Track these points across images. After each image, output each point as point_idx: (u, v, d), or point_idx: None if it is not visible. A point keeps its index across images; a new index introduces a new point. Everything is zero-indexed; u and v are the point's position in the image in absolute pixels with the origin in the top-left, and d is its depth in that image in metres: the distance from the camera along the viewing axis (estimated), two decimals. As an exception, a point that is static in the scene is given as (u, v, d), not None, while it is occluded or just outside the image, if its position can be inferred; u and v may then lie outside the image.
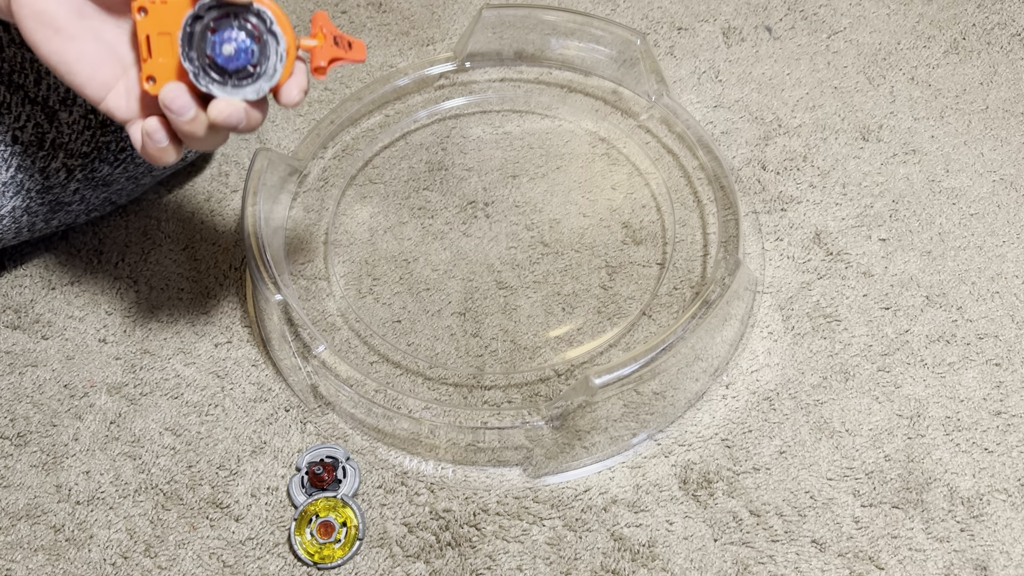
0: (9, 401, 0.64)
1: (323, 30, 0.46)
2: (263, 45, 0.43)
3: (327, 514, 0.58)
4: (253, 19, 0.43)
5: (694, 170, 0.73)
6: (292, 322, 0.62)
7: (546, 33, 0.77)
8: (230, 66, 0.42)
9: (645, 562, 0.56)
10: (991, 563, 0.55)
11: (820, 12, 0.83)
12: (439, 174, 0.74)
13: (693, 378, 0.61)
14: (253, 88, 0.43)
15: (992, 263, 0.67)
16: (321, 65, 0.45)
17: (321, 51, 0.45)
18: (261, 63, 0.43)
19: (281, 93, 0.45)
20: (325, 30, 0.46)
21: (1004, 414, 0.60)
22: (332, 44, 0.46)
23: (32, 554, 0.58)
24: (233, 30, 0.42)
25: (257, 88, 0.43)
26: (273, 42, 0.43)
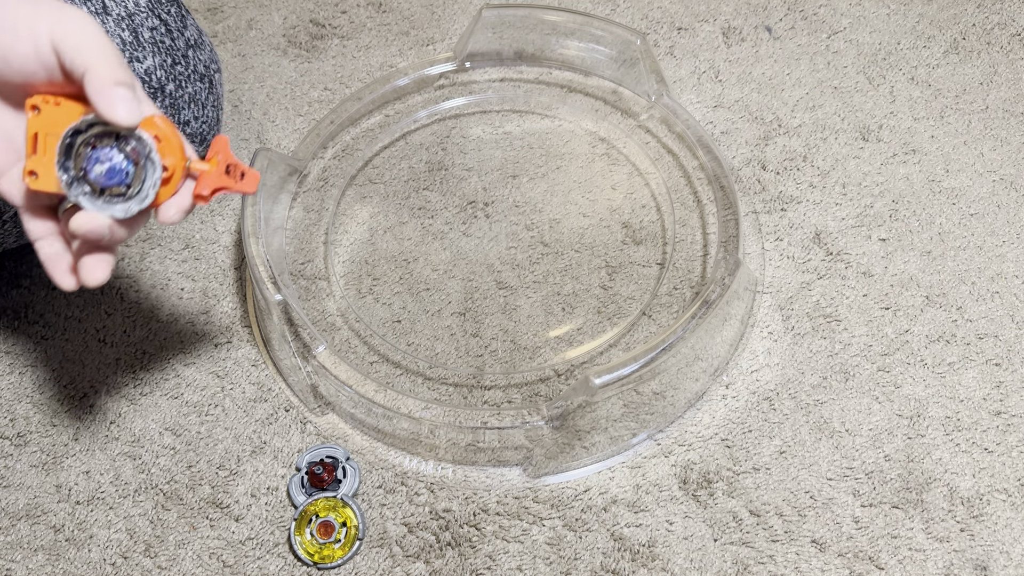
0: (9, 401, 0.64)
1: (218, 156, 0.46)
2: (140, 169, 0.43)
3: (327, 514, 0.58)
4: (133, 143, 0.43)
5: (694, 170, 0.73)
6: (292, 322, 0.62)
7: (546, 33, 0.77)
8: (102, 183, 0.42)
9: (645, 562, 0.56)
10: (991, 563, 0.55)
11: (820, 12, 0.83)
12: (439, 174, 0.74)
13: (693, 378, 0.61)
14: (122, 207, 0.43)
15: (992, 263, 0.67)
16: (203, 193, 0.45)
17: (208, 178, 0.45)
18: (135, 185, 0.43)
19: (159, 211, 0.45)
20: (220, 156, 0.46)
21: (1004, 414, 0.60)
22: (222, 172, 0.46)
23: (32, 554, 0.58)
24: (112, 150, 0.42)
25: (126, 208, 0.43)
26: (150, 168, 0.43)
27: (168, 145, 0.44)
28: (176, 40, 0.67)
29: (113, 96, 0.41)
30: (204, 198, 0.46)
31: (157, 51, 0.65)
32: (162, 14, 0.66)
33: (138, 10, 0.65)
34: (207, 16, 0.86)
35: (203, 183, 0.45)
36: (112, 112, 0.41)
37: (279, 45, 0.84)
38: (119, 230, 0.44)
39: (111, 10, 0.63)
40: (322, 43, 0.84)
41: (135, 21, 0.64)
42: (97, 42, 0.41)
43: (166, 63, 0.66)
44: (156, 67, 0.65)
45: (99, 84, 0.40)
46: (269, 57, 0.83)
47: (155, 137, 0.43)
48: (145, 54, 0.64)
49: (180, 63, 0.67)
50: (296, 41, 0.84)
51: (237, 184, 0.46)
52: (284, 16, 0.86)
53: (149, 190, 0.43)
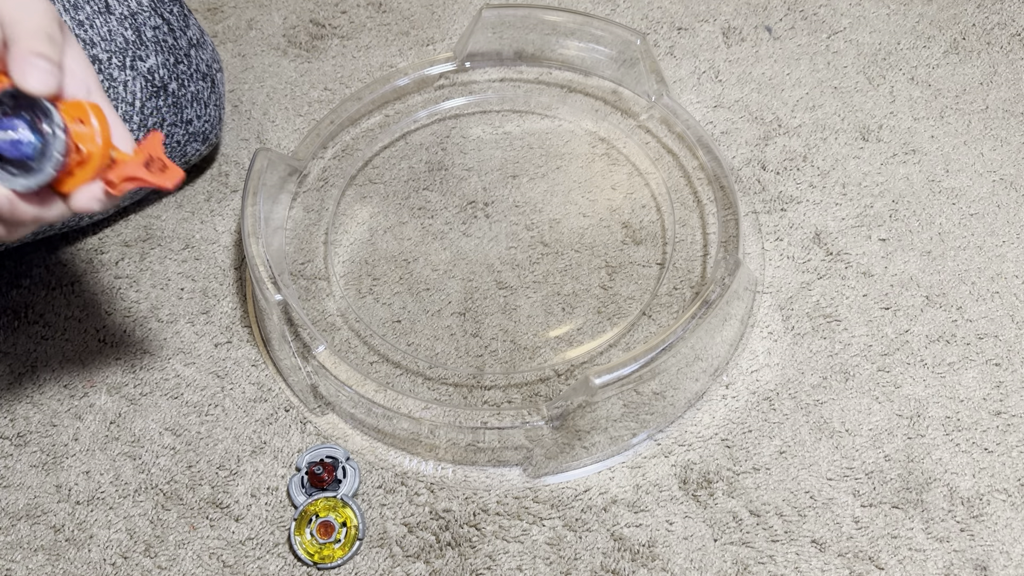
0: (9, 401, 0.64)
1: (144, 149, 0.45)
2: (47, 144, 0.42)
3: (327, 514, 0.58)
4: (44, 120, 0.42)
5: (694, 170, 0.73)
6: (292, 322, 0.62)
7: (546, 33, 0.77)
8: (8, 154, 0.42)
9: (645, 562, 0.56)
10: (991, 563, 0.55)
11: (820, 12, 0.83)
12: (439, 174, 0.74)
13: (693, 378, 0.61)
14: (22, 182, 0.42)
15: (992, 263, 0.67)
16: (112, 180, 0.45)
17: (123, 166, 0.45)
18: (39, 161, 0.42)
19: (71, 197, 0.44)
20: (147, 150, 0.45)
21: (1004, 414, 0.60)
22: (140, 164, 0.45)
23: (32, 554, 0.58)
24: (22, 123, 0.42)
25: (25, 183, 0.42)
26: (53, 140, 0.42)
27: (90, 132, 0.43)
28: (179, 39, 0.67)
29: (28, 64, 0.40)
30: (113, 185, 0.45)
31: (160, 50, 0.65)
32: (164, 13, 0.66)
33: (141, 9, 0.65)
34: (207, 16, 0.86)
35: (115, 170, 0.45)
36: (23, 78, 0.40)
37: (279, 45, 0.84)
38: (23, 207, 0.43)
39: (114, 9, 0.63)
40: (322, 43, 0.84)
41: (138, 20, 0.64)
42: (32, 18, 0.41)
43: (169, 62, 0.66)
44: (159, 66, 0.65)
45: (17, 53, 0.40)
46: (269, 57, 0.83)
47: (78, 119, 0.43)
48: (148, 53, 0.64)
49: (182, 62, 0.67)
50: (296, 41, 0.84)
51: (153, 177, 0.45)
52: (284, 16, 0.86)
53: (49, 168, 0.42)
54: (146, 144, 0.46)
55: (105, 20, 0.63)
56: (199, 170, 0.76)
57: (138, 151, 0.45)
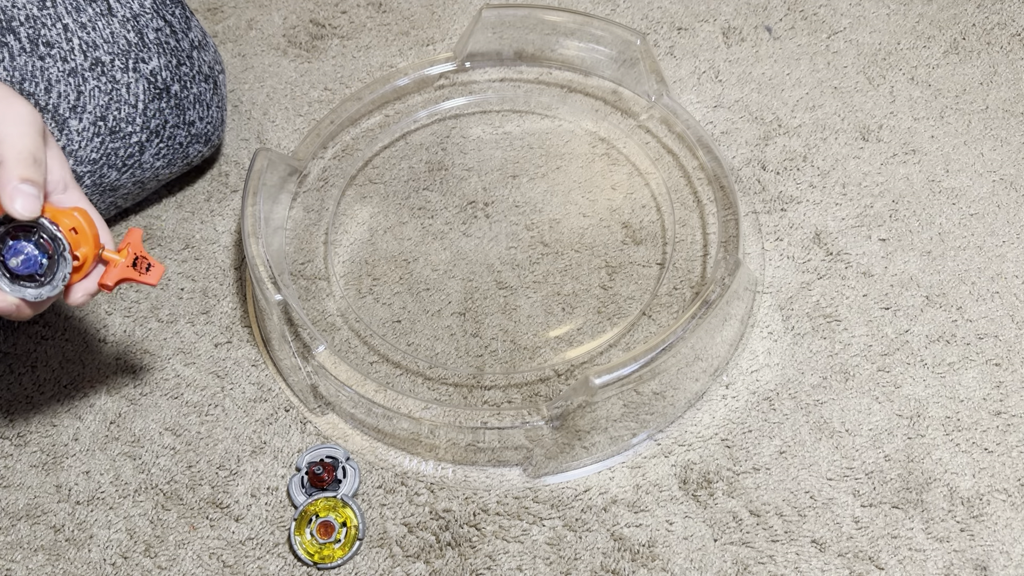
0: (9, 401, 0.64)
1: (129, 248, 0.50)
2: (52, 263, 0.47)
3: (327, 514, 0.58)
4: (48, 239, 0.46)
5: (694, 170, 0.73)
6: (292, 322, 0.62)
7: (546, 33, 0.77)
8: (18, 271, 0.46)
9: (645, 562, 0.56)
10: (991, 563, 0.55)
11: (820, 12, 0.83)
12: (439, 174, 0.74)
13: (693, 378, 0.61)
14: (33, 292, 0.47)
15: (992, 263, 0.67)
16: (108, 284, 0.50)
17: (116, 270, 0.50)
18: (47, 276, 0.47)
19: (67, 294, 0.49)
20: (131, 248, 0.50)
21: (1004, 414, 0.60)
22: (129, 265, 0.50)
23: (32, 554, 0.58)
24: (28, 243, 0.46)
25: (37, 294, 0.47)
26: (62, 264, 0.47)
27: (83, 236, 0.48)
28: (181, 41, 0.67)
29: (13, 191, 0.44)
30: (108, 288, 0.50)
31: (162, 52, 0.65)
32: (167, 15, 0.66)
33: (143, 11, 0.65)
34: (207, 16, 0.86)
35: (109, 274, 0.50)
36: (10, 205, 0.44)
37: (279, 45, 0.84)
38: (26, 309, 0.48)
39: (116, 11, 0.63)
40: (322, 43, 0.84)
41: (140, 22, 0.64)
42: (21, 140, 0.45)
43: (171, 64, 0.66)
44: (161, 68, 0.65)
45: (5, 179, 0.44)
46: (269, 57, 0.83)
47: (72, 229, 0.47)
48: (150, 55, 0.64)
49: (185, 64, 0.67)
50: (296, 41, 0.84)
51: (141, 276, 0.51)
52: (284, 16, 0.86)
53: (59, 282, 0.47)
54: (129, 242, 0.51)
55: (107, 22, 0.63)
56: (199, 170, 0.76)
57: (124, 251, 0.50)
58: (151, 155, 0.66)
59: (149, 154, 0.66)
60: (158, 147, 0.67)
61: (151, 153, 0.66)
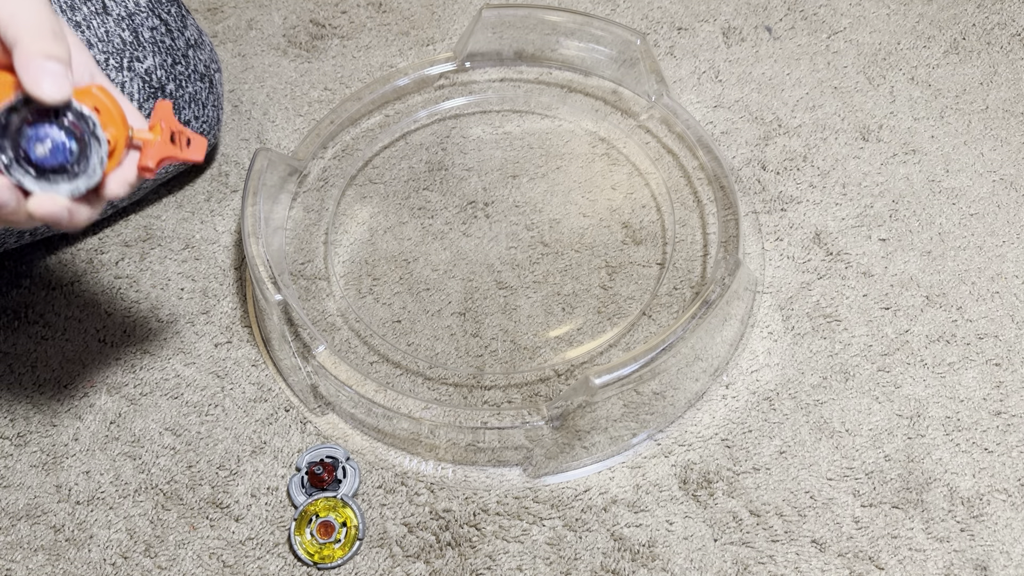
0: (9, 401, 0.64)
1: (161, 124, 0.44)
2: (83, 145, 0.40)
3: (327, 514, 0.58)
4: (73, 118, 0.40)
5: (694, 170, 0.73)
6: (292, 322, 0.62)
7: (546, 33, 0.77)
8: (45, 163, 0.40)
9: (645, 562, 0.56)
10: (991, 563, 0.55)
11: (820, 12, 0.83)
12: (439, 174, 0.74)
13: (693, 378, 0.61)
14: (68, 186, 0.40)
15: (992, 263, 0.67)
16: (149, 165, 0.43)
17: (153, 148, 0.43)
18: (80, 162, 0.41)
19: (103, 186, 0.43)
20: (164, 124, 0.44)
21: (1004, 414, 0.60)
22: (167, 141, 0.44)
23: (32, 554, 0.58)
24: (52, 127, 0.40)
25: (73, 187, 0.41)
26: (95, 144, 0.41)
27: (108, 116, 0.41)
28: (176, 40, 0.67)
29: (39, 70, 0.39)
30: (150, 170, 0.44)
31: (157, 51, 0.65)
32: (162, 14, 0.66)
33: (138, 10, 0.65)
34: (207, 16, 0.86)
35: (147, 154, 0.43)
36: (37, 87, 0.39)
37: (279, 45, 0.84)
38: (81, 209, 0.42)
39: (111, 10, 0.63)
40: (322, 43, 0.84)
41: (135, 21, 0.64)
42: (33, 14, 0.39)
43: (166, 63, 0.66)
44: (156, 67, 0.65)
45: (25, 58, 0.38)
46: (269, 57, 0.83)
47: (95, 109, 0.41)
48: (145, 54, 0.64)
49: (180, 63, 0.67)
50: (296, 41, 0.84)
51: (183, 152, 0.44)
52: (284, 16, 0.86)
53: (96, 167, 0.41)
54: (159, 117, 0.44)
55: (102, 21, 0.63)
56: (199, 170, 0.76)
57: (156, 127, 0.44)
58: None
59: None
60: None
61: None
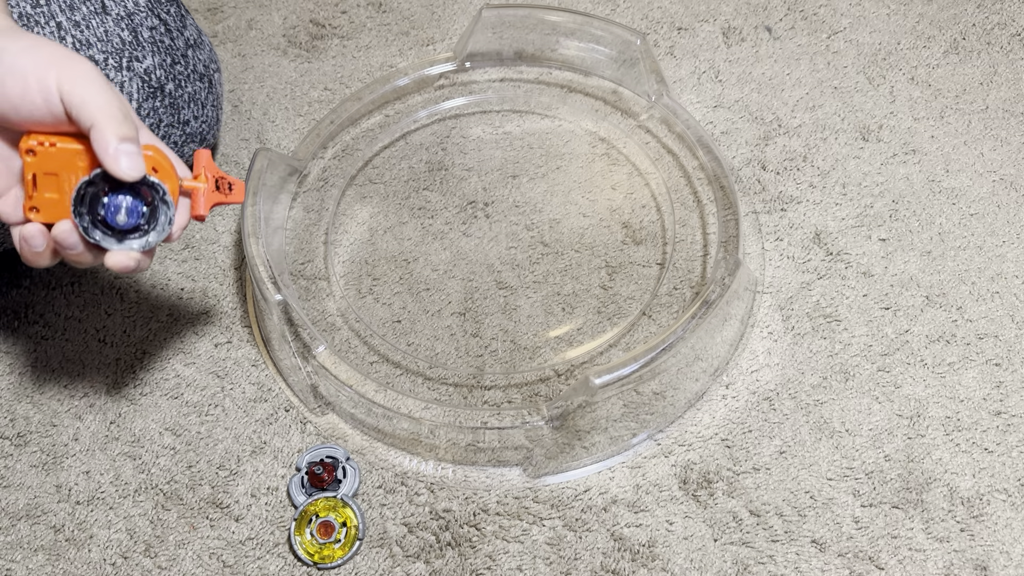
0: (9, 401, 0.64)
1: (204, 172, 0.49)
2: (153, 209, 0.47)
3: (327, 514, 0.58)
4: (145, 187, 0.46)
5: (694, 170, 0.73)
6: (292, 322, 0.62)
7: (546, 33, 0.77)
8: (120, 225, 0.46)
9: (645, 562, 0.56)
10: (991, 563, 0.55)
11: (820, 12, 0.83)
12: (439, 174, 0.74)
13: (693, 378, 0.61)
14: (140, 242, 0.47)
15: (992, 263, 0.67)
16: (202, 213, 0.49)
17: (204, 197, 0.49)
18: (151, 223, 0.47)
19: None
20: (207, 172, 0.50)
21: (1004, 414, 0.60)
22: (213, 188, 0.50)
23: (32, 554, 0.58)
24: (126, 197, 0.46)
25: (144, 242, 0.47)
26: (164, 208, 0.47)
27: (164, 173, 0.47)
28: (176, 40, 0.67)
29: (118, 153, 0.44)
30: (202, 217, 0.50)
31: (156, 50, 0.65)
32: (161, 14, 0.66)
33: (137, 9, 0.65)
34: (207, 16, 0.86)
35: (199, 203, 0.49)
36: (117, 169, 0.44)
37: (279, 45, 0.84)
38: (146, 260, 0.48)
39: (110, 9, 0.63)
40: (322, 43, 0.84)
41: (134, 20, 0.64)
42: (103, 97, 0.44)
43: (165, 63, 0.66)
44: (155, 66, 0.65)
45: (104, 142, 0.43)
46: (269, 57, 0.83)
47: (153, 169, 0.46)
48: (144, 53, 0.64)
49: (180, 63, 0.67)
50: (296, 41, 0.84)
51: (228, 197, 0.50)
52: (284, 16, 0.86)
53: (165, 225, 0.47)
54: (202, 165, 0.50)
55: (102, 21, 0.63)
56: (199, 170, 0.76)
57: (201, 175, 0.49)
58: None
59: None
60: None
61: None
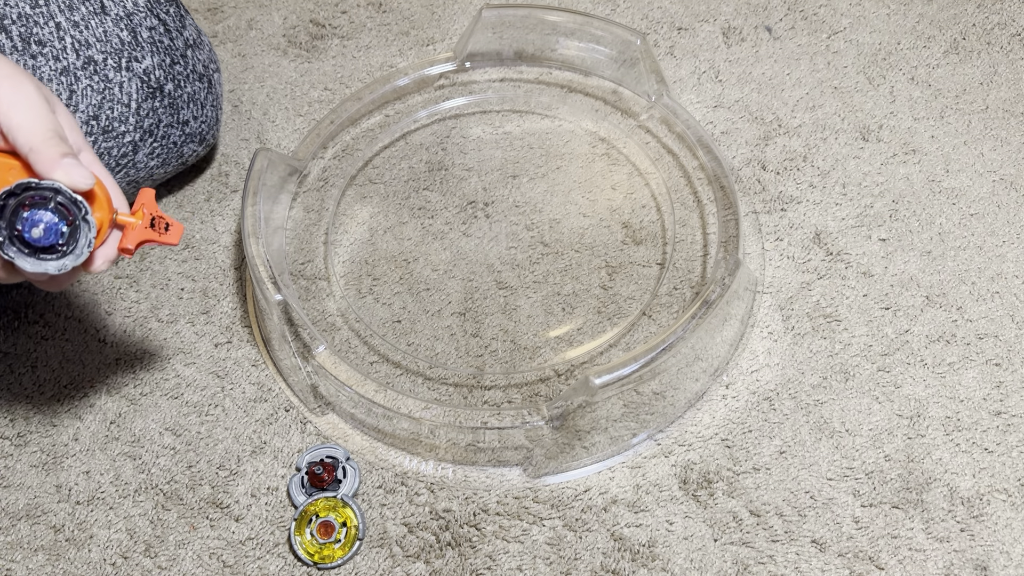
0: (9, 401, 0.64)
1: (143, 209, 0.48)
2: (74, 229, 0.44)
3: (327, 514, 0.58)
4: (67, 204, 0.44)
5: (694, 170, 0.73)
6: (292, 322, 0.62)
7: (546, 33, 0.77)
8: (37, 243, 0.44)
9: (645, 562, 0.56)
10: (991, 563, 0.55)
11: (820, 12, 0.83)
12: (439, 174, 0.74)
13: (693, 378, 0.61)
14: (56, 264, 0.44)
15: (992, 263, 0.67)
16: (128, 247, 0.48)
17: (133, 232, 0.48)
18: (69, 244, 0.45)
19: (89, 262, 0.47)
20: (146, 209, 0.48)
21: (1004, 414, 0.60)
22: (147, 226, 0.48)
23: (32, 554, 0.58)
24: (46, 212, 0.44)
25: (60, 264, 0.44)
26: (85, 228, 0.45)
27: (97, 201, 0.46)
28: (175, 40, 0.67)
29: (67, 167, 0.43)
30: (129, 252, 0.48)
31: (156, 51, 0.65)
32: (161, 14, 0.66)
33: (137, 10, 0.65)
34: (207, 16, 0.86)
35: (128, 237, 0.48)
36: (69, 180, 0.43)
37: (279, 45, 0.84)
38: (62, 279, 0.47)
39: (109, 10, 0.63)
40: (322, 43, 0.84)
41: (134, 21, 0.64)
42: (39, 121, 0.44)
43: (165, 63, 0.66)
44: (155, 67, 0.65)
45: (47, 162, 0.43)
46: (269, 57, 0.83)
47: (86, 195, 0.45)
48: (144, 54, 0.64)
49: (179, 63, 0.67)
50: (296, 41, 0.84)
51: (161, 237, 0.49)
52: (284, 16, 0.86)
53: (83, 248, 0.45)
54: (142, 203, 0.48)
55: (101, 21, 0.63)
56: (199, 170, 0.76)
57: (139, 212, 0.48)
58: (145, 155, 0.66)
59: (143, 154, 0.66)
60: (152, 147, 0.66)
61: (145, 153, 0.66)
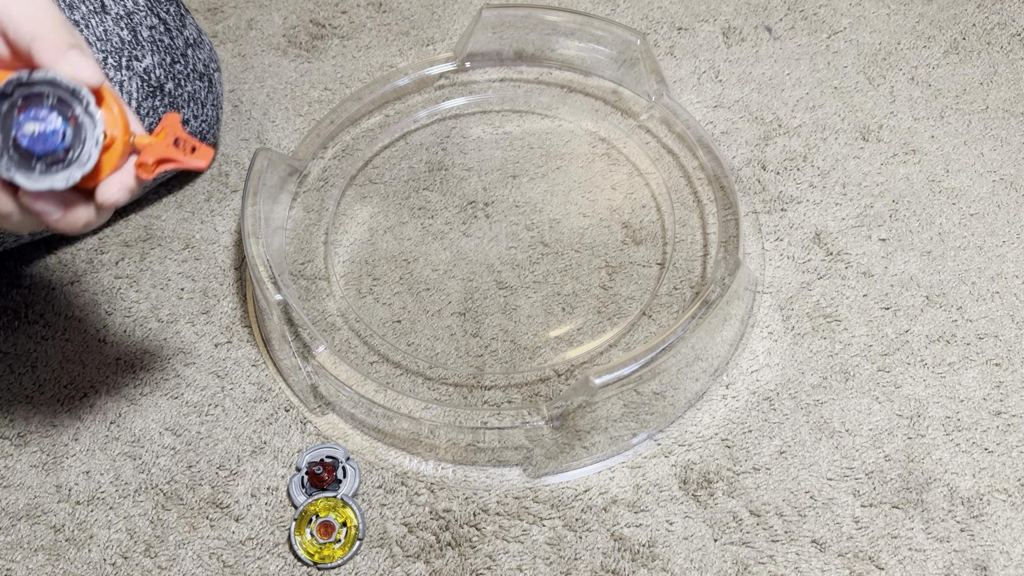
0: (9, 401, 0.64)
1: (165, 130, 0.42)
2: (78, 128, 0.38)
3: (327, 514, 0.58)
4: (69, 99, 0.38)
5: (694, 170, 0.73)
6: (292, 322, 0.62)
7: (546, 33, 0.77)
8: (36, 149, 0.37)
9: (645, 562, 0.56)
10: (991, 563, 0.55)
11: (820, 12, 0.83)
12: (439, 174, 0.74)
13: (693, 378, 0.61)
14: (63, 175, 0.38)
15: (992, 263, 0.67)
16: (147, 162, 0.41)
17: (153, 148, 0.41)
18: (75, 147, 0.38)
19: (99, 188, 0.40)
20: (168, 130, 0.42)
21: (1004, 414, 0.60)
22: (169, 144, 0.42)
23: (32, 554, 0.58)
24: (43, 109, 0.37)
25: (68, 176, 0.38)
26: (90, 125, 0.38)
27: (110, 115, 0.40)
28: (175, 39, 0.67)
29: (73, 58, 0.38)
30: (147, 167, 0.41)
31: (156, 50, 0.65)
32: (161, 13, 0.66)
33: (137, 9, 0.65)
34: (207, 16, 0.86)
35: (147, 152, 0.41)
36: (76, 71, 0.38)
37: (279, 45, 0.84)
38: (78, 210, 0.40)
39: (109, 9, 0.63)
40: (322, 43, 0.84)
41: (134, 20, 0.64)
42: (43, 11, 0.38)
43: (165, 62, 0.66)
44: (155, 66, 0.65)
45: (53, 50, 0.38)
46: (269, 57, 0.83)
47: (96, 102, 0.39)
48: (144, 53, 0.64)
49: (179, 62, 0.67)
50: (296, 41, 0.84)
51: (186, 157, 0.42)
52: (284, 16, 0.86)
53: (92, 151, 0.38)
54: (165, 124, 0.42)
55: (101, 20, 0.63)
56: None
57: (160, 133, 0.42)
58: None
59: None
60: None
61: None
